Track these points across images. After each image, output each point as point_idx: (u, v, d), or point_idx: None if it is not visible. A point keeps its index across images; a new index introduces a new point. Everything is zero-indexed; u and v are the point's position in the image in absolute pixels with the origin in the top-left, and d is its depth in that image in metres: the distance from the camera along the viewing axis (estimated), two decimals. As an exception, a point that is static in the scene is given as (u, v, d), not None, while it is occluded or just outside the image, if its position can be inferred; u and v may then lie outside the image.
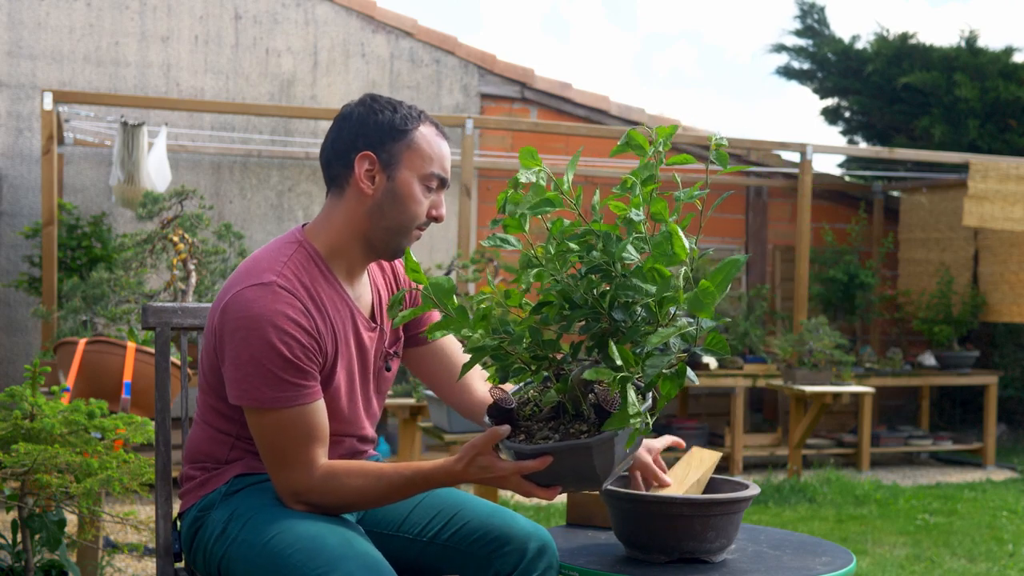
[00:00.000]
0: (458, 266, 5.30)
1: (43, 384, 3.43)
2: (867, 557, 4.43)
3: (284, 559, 1.75)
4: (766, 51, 13.04)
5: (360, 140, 1.88)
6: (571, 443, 1.64)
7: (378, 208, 1.89)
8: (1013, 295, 7.33)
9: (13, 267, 6.36)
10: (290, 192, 6.93)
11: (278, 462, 1.83)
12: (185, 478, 2.00)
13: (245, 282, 1.82)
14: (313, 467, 1.82)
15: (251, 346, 1.78)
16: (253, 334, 1.77)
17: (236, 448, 1.94)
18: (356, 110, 1.91)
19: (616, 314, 1.64)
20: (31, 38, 6.43)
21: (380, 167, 1.88)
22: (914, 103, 8.36)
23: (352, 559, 1.73)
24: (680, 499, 1.83)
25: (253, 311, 1.78)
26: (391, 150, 1.88)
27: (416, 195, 1.89)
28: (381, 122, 1.88)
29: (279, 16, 6.91)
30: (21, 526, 2.84)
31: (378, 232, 1.90)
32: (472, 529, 1.95)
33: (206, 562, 1.93)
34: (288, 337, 1.78)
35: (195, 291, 4.34)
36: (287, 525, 1.80)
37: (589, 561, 1.90)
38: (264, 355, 1.77)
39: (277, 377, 1.78)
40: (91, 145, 6.48)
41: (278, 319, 1.78)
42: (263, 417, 1.81)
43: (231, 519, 1.87)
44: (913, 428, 7.75)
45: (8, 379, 6.32)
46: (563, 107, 7.53)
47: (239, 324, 1.79)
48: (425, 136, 1.90)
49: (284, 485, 1.84)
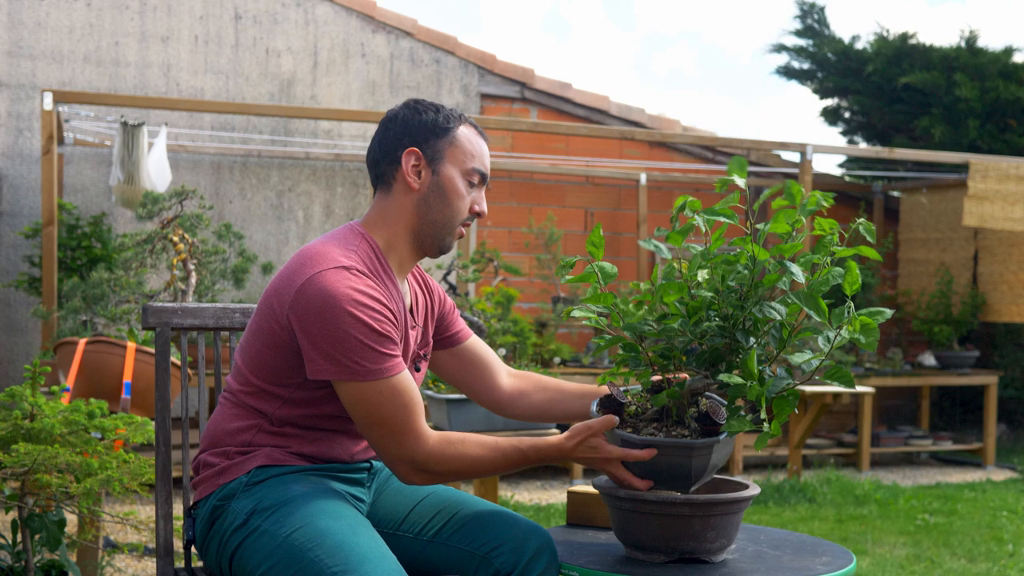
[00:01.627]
0: (458, 266, 5.30)
1: (43, 384, 3.43)
2: (867, 557, 4.43)
3: (304, 552, 1.77)
4: (766, 51, 13.04)
5: (406, 138, 1.99)
6: (677, 441, 1.81)
7: (424, 202, 1.99)
8: (1013, 295, 7.33)
9: (13, 267, 6.36)
10: (290, 192, 6.93)
11: (390, 434, 1.86)
12: (202, 465, 2.00)
13: (321, 266, 1.88)
14: (426, 435, 1.88)
15: (341, 322, 1.83)
16: (342, 312, 1.83)
17: (262, 433, 1.96)
18: (401, 112, 2.02)
19: (739, 335, 1.81)
20: (31, 38, 6.43)
21: (425, 163, 1.99)
22: (914, 103, 8.36)
23: (373, 562, 1.74)
24: (680, 499, 1.83)
25: (339, 290, 1.84)
26: (435, 147, 1.99)
27: (459, 189, 2.00)
28: (425, 121, 1.99)
29: (279, 16, 6.91)
30: (21, 526, 2.84)
31: (426, 227, 2.00)
32: (472, 528, 1.96)
33: (219, 552, 1.93)
34: (374, 312, 1.86)
35: (195, 291, 4.34)
36: (310, 520, 1.82)
37: (589, 561, 1.90)
38: (357, 329, 1.83)
39: (373, 349, 1.84)
40: (91, 145, 6.48)
41: (362, 297, 1.85)
42: (363, 391, 1.85)
43: (255, 510, 1.88)
44: (913, 428, 7.75)
45: (8, 379, 6.32)
46: (563, 107, 7.53)
47: (325, 303, 1.84)
48: (466, 134, 2.02)
49: (402, 456, 1.87)
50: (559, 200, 7.58)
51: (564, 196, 7.61)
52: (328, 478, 1.98)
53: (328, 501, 1.88)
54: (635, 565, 1.86)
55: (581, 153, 7.60)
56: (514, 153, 7.42)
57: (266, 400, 1.95)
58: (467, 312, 4.91)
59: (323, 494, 1.90)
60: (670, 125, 7.79)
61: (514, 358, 5.32)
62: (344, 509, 1.88)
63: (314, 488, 1.91)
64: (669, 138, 7.05)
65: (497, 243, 7.26)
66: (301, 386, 1.93)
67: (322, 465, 1.99)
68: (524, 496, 5.81)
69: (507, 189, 7.44)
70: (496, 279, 5.92)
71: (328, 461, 2.00)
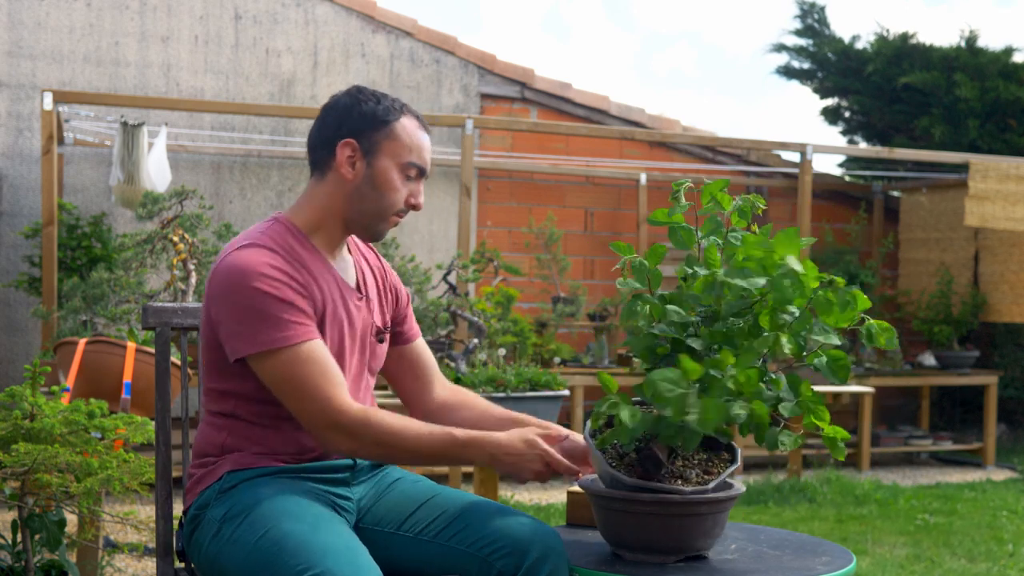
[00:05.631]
0: (458, 266, 5.29)
1: (43, 384, 3.43)
2: (867, 557, 4.43)
3: (271, 557, 1.77)
4: (766, 51, 13.04)
5: (344, 128, 1.99)
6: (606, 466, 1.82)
7: (357, 193, 2.00)
8: (1013, 295, 7.33)
9: (13, 267, 6.36)
10: (290, 192, 6.93)
11: (302, 399, 1.86)
12: (187, 477, 2.04)
13: (226, 252, 1.94)
14: (346, 400, 1.87)
15: (244, 296, 1.86)
16: (243, 286, 1.87)
17: (233, 434, 1.97)
18: (342, 100, 2.02)
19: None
20: (31, 38, 6.43)
21: (361, 154, 1.99)
22: (914, 103, 8.35)
23: (334, 555, 1.74)
24: (678, 499, 1.83)
25: (239, 266, 1.88)
26: (372, 138, 1.99)
27: (394, 182, 2.00)
28: (364, 112, 1.99)
29: (279, 16, 6.91)
30: (21, 526, 2.84)
31: (356, 215, 2.02)
32: (474, 529, 1.94)
33: (201, 563, 1.95)
34: (276, 281, 1.88)
35: (195, 291, 4.34)
36: (274, 523, 1.81)
37: (589, 561, 1.89)
38: (258, 300, 1.86)
39: (276, 317, 1.86)
40: (91, 145, 6.48)
41: (263, 268, 1.88)
42: (275, 361, 1.86)
43: (226, 518, 1.89)
44: (913, 428, 7.75)
45: (8, 379, 6.31)
46: (563, 107, 7.53)
47: (228, 281, 1.88)
48: (406, 127, 2.01)
49: (320, 421, 1.87)
50: (559, 200, 7.58)
51: (564, 196, 7.61)
52: (303, 479, 1.98)
53: (292, 501, 1.88)
54: (635, 565, 1.86)
55: (581, 153, 7.60)
56: (514, 153, 7.42)
57: (224, 401, 1.98)
58: (467, 312, 4.90)
59: (288, 495, 1.90)
60: (670, 125, 7.78)
61: (514, 358, 5.32)
62: (308, 508, 1.87)
63: (280, 489, 1.91)
64: (669, 138, 7.05)
65: (497, 243, 7.26)
66: (241, 376, 1.94)
67: (296, 465, 1.98)
68: (524, 496, 5.81)
69: (507, 189, 7.44)
70: (496, 279, 5.92)
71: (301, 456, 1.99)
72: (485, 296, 5.41)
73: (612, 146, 7.66)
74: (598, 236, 7.68)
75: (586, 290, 7.04)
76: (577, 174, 7.59)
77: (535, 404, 3.55)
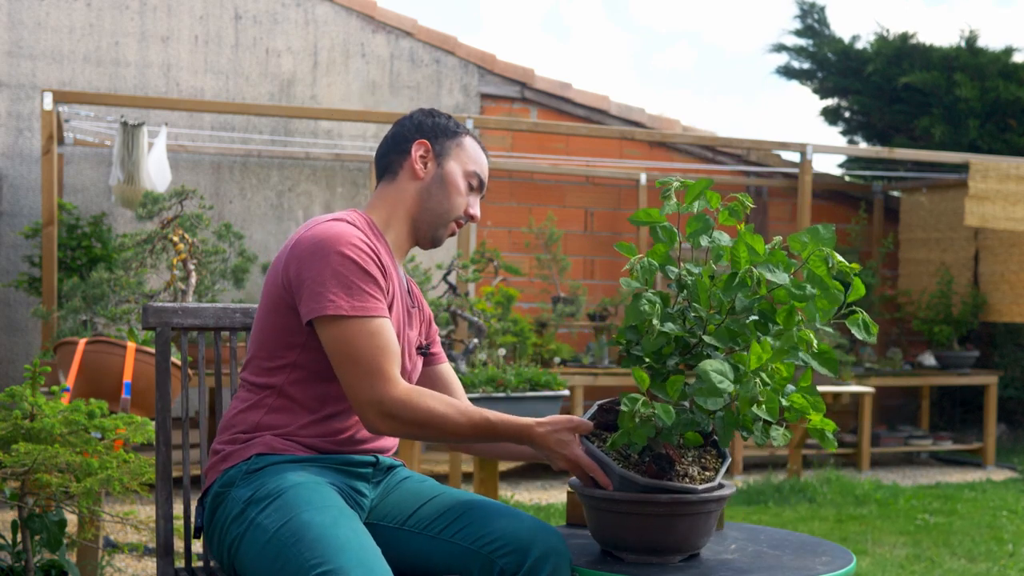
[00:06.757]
0: (458, 266, 5.29)
1: (43, 384, 3.43)
2: (867, 557, 4.43)
3: (287, 548, 1.80)
4: (766, 51, 13.05)
5: (418, 133, 2.17)
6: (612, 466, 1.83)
7: (427, 191, 2.14)
8: (1013, 295, 7.33)
9: (13, 267, 6.36)
10: (290, 192, 6.93)
11: (361, 373, 1.90)
12: (212, 453, 2.05)
13: (312, 224, 2.01)
14: (397, 380, 1.92)
15: (333, 260, 1.93)
16: (334, 251, 1.94)
17: (272, 412, 2.00)
18: (415, 114, 2.21)
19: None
20: (31, 38, 6.43)
21: (433, 155, 2.15)
22: (914, 103, 8.35)
23: (348, 553, 1.76)
24: (666, 499, 1.83)
25: (332, 233, 1.96)
26: (444, 144, 2.17)
27: (460, 186, 2.15)
28: (438, 123, 2.19)
29: (279, 16, 6.91)
30: (21, 526, 2.84)
31: (424, 214, 2.14)
32: (478, 527, 1.96)
33: (220, 543, 1.96)
34: (364, 253, 1.96)
35: (195, 291, 4.34)
36: (296, 513, 1.84)
37: (589, 561, 1.90)
38: (345, 266, 1.93)
39: (355, 286, 1.93)
40: (91, 145, 6.48)
41: (352, 239, 1.97)
42: (344, 328, 1.91)
43: (251, 501, 1.91)
44: (913, 428, 7.75)
45: (8, 379, 6.31)
46: (563, 107, 7.53)
47: (319, 245, 1.95)
48: (472, 143, 2.21)
49: (367, 396, 1.90)
50: (559, 200, 7.59)
51: (564, 196, 7.61)
52: (328, 469, 2.01)
53: (316, 492, 1.90)
54: (635, 565, 1.86)
55: (581, 153, 7.60)
56: (514, 153, 7.42)
57: (274, 374, 2.01)
58: (467, 312, 4.90)
59: (313, 485, 1.92)
60: (670, 125, 7.78)
61: (514, 358, 5.32)
62: (331, 500, 1.89)
63: (307, 479, 1.94)
64: (669, 138, 7.05)
65: (497, 243, 7.26)
66: (305, 347, 1.98)
67: (322, 456, 2.01)
68: (524, 496, 5.81)
69: (507, 189, 7.44)
70: (496, 279, 5.92)
71: (331, 449, 2.02)
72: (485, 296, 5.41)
73: (612, 146, 7.66)
74: (598, 236, 7.68)
75: (586, 290, 7.04)
76: (577, 174, 7.59)
77: (535, 404, 3.55)
